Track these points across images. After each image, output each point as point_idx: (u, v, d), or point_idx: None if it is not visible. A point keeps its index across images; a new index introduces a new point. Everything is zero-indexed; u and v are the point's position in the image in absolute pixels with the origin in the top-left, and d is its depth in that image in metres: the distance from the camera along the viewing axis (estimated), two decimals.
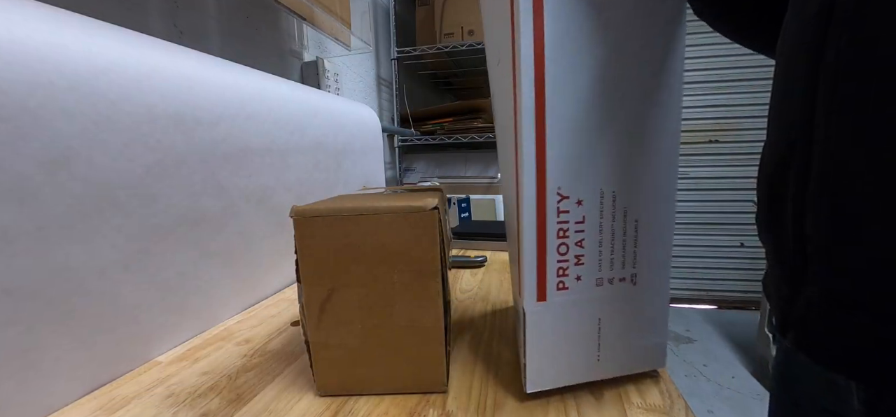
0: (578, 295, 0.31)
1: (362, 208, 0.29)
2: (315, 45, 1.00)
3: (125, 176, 0.36)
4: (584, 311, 0.31)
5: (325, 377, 0.32)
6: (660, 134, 0.29)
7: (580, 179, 0.29)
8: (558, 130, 0.29)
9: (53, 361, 0.31)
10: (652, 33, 0.28)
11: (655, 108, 0.29)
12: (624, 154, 0.29)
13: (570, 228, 0.30)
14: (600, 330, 0.31)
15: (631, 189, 0.30)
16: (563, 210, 0.29)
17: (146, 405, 0.32)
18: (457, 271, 0.65)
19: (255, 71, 0.57)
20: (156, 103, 0.39)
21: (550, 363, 0.31)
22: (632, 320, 0.32)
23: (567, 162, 0.29)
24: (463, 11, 1.46)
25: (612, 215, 0.30)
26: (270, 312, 0.51)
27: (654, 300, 0.31)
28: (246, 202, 0.51)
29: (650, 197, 0.30)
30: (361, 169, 0.84)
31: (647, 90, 0.28)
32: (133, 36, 0.40)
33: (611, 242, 0.30)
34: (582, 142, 0.29)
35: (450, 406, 0.30)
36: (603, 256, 0.30)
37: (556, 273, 0.30)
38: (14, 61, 0.28)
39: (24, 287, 0.29)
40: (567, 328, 0.31)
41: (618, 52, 0.28)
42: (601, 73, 0.28)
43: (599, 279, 0.31)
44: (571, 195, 0.29)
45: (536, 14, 0.28)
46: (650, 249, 0.30)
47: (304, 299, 0.31)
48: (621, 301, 0.31)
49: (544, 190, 0.29)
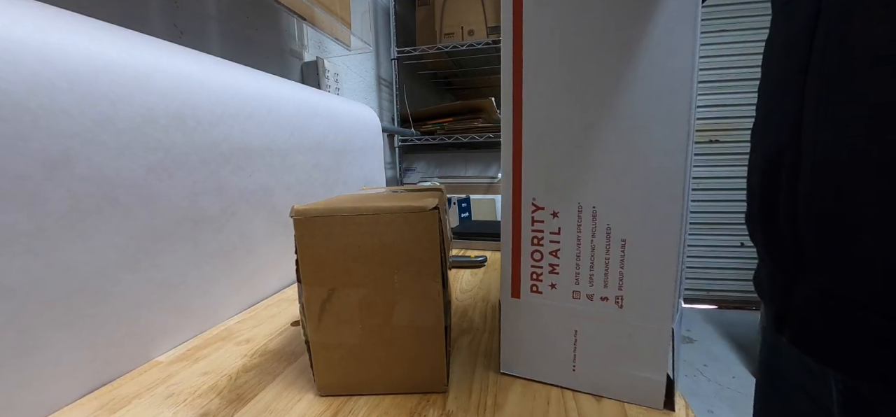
0: (552, 301, 0.31)
1: (362, 208, 0.29)
2: (315, 45, 1.00)
3: (125, 176, 0.36)
4: (557, 318, 0.31)
5: (325, 377, 0.32)
6: (658, 149, 0.26)
7: (556, 192, 0.29)
8: (535, 142, 0.29)
9: (53, 361, 0.31)
10: (647, 38, 0.25)
11: (653, 122, 0.26)
12: (611, 169, 0.27)
13: (545, 237, 0.30)
14: (577, 341, 0.31)
15: (616, 206, 0.28)
16: (537, 220, 0.30)
17: (146, 405, 0.32)
18: (457, 271, 0.65)
19: (255, 71, 0.57)
20: (156, 103, 0.39)
21: (522, 353, 0.33)
22: (616, 344, 0.30)
23: (542, 174, 0.29)
24: (463, 11, 1.46)
25: (592, 230, 0.29)
26: (270, 312, 0.51)
27: (648, 330, 0.28)
28: (246, 202, 0.51)
29: (642, 217, 0.27)
30: (361, 169, 0.84)
31: (637, 99, 0.26)
32: (133, 36, 0.40)
33: (591, 257, 0.29)
34: (560, 154, 0.29)
35: (450, 407, 0.30)
36: (581, 270, 0.30)
37: (530, 276, 0.31)
38: (14, 61, 0.28)
39: (24, 287, 0.29)
40: (539, 328, 0.32)
41: (600, 58, 0.26)
42: (582, 85, 0.27)
43: (576, 291, 0.30)
44: (546, 206, 0.30)
45: (516, 27, 0.28)
46: (641, 274, 0.28)
47: (304, 299, 0.31)
48: (603, 321, 0.30)
49: (519, 199, 0.30)
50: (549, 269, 0.31)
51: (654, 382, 0.29)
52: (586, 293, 0.30)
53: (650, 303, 0.28)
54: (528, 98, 0.29)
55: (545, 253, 0.30)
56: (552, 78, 0.28)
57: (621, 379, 0.30)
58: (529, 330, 0.32)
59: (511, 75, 0.29)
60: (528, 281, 0.31)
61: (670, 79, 0.25)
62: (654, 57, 0.25)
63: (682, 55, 0.25)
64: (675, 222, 0.26)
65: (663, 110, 0.25)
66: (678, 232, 0.26)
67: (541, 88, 0.28)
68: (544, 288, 0.31)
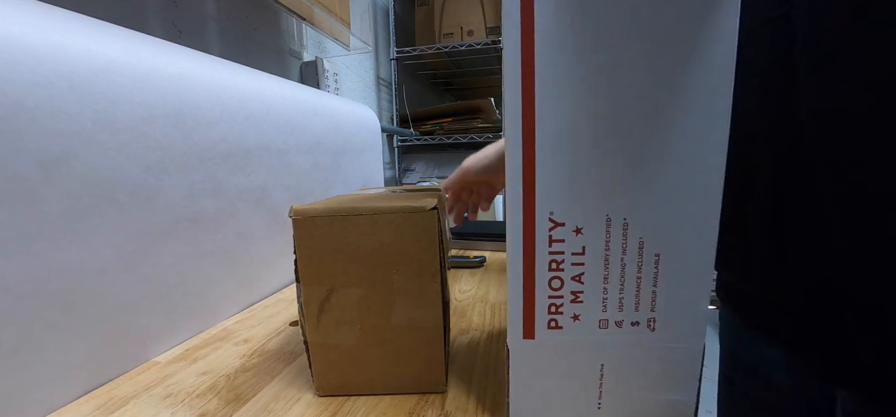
0: (576, 337, 0.26)
1: (361, 208, 0.29)
2: (314, 45, 1.00)
3: (124, 175, 0.36)
4: (582, 355, 0.26)
5: (323, 377, 0.32)
6: (695, 147, 0.23)
7: (579, 203, 0.24)
8: (551, 144, 0.24)
9: (52, 361, 0.31)
10: (685, 24, 0.22)
11: (688, 115, 0.22)
12: (642, 173, 0.23)
13: (566, 260, 0.25)
14: (603, 377, 0.27)
15: (650, 216, 0.24)
16: (556, 239, 0.25)
17: (145, 405, 0.32)
18: (456, 271, 0.65)
19: (255, 71, 0.57)
20: (155, 103, 0.39)
21: (537, 406, 0.28)
22: (646, 371, 0.26)
23: (562, 181, 0.24)
24: (462, 11, 1.46)
25: (623, 247, 0.24)
26: (269, 312, 0.50)
27: (678, 350, 0.26)
28: (244, 202, 0.51)
29: (678, 226, 0.24)
30: (360, 169, 0.84)
31: (674, 93, 0.22)
32: (132, 35, 0.40)
33: (621, 279, 0.25)
34: (582, 157, 0.24)
35: (449, 407, 0.30)
36: (609, 295, 0.25)
37: (548, 310, 0.26)
38: (12, 60, 0.28)
39: (23, 286, 0.29)
40: (559, 371, 0.27)
41: (631, 46, 0.22)
42: (608, 74, 0.23)
43: (603, 320, 0.26)
44: (567, 221, 0.25)
45: (525, 7, 0.23)
46: (676, 290, 0.25)
47: (302, 299, 0.31)
48: (633, 348, 0.26)
49: (533, 214, 0.25)
50: (572, 298, 0.26)
51: (684, 404, 0.26)
52: (615, 320, 0.26)
53: (684, 321, 0.25)
54: (544, 91, 0.24)
55: (566, 280, 0.25)
56: (572, 68, 0.23)
57: (649, 408, 0.27)
58: (546, 375, 0.27)
59: (519, 64, 0.23)
60: (545, 316, 0.26)
61: (710, 70, 0.22)
62: (692, 45, 0.22)
63: (723, 44, 0.21)
64: (713, 229, 0.24)
65: (703, 105, 0.22)
66: (714, 241, 0.24)
67: (559, 79, 0.23)
68: (565, 322, 0.26)
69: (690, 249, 0.24)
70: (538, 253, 0.25)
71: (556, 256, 0.25)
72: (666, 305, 0.25)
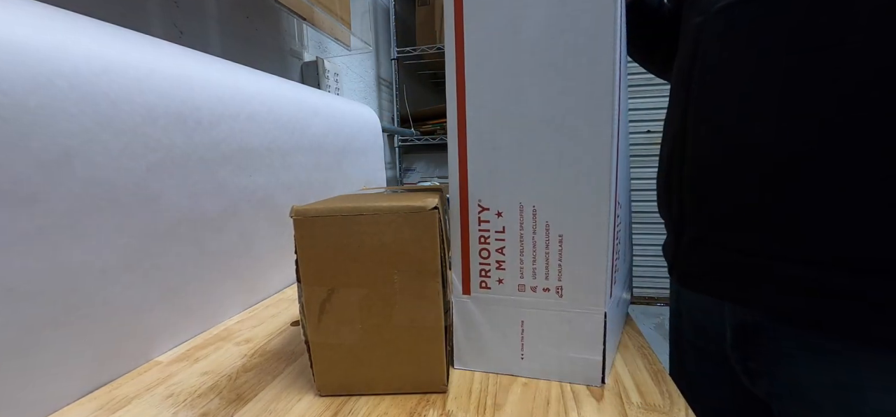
0: (500, 295, 0.33)
1: (362, 208, 0.29)
2: (315, 45, 1.00)
3: (125, 176, 0.36)
4: (506, 311, 0.33)
5: (325, 377, 0.32)
6: (586, 151, 0.29)
7: (500, 193, 0.32)
8: (478, 146, 0.32)
9: (53, 361, 0.31)
10: (574, 47, 0.28)
11: (579, 124, 0.29)
12: (548, 170, 0.30)
13: (491, 236, 0.33)
14: (523, 332, 0.33)
15: (553, 204, 0.31)
16: (484, 220, 0.33)
17: (146, 405, 0.32)
18: None
19: (256, 71, 0.57)
20: (156, 103, 0.39)
21: (474, 348, 0.35)
22: (557, 330, 0.32)
23: (486, 176, 0.32)
24: None
25: (533, 228, 0.31)
26: (270, 312, 0.51)
27: (583, 315, 0.32)
28: (246, 202, 0.51)
29: (575, 214, 0.30)
30: (361, 169, 0.84)
31: (567, 107, 0.29)
32: (133, 36, 0.40)
33: (533, 253, 0.32)
34: (501, 157, 0.31)
35: (450, 407, 0.30)
36: (525, 265, 0.32)
37: (479, 274, 0.34)
38: (14, 61, 0.28)
39: (24, 286, 0.29)
40: (489, 322, 0.34)
41: (534, 72, 0.29)
42: (516, 95, 0.30)
43: (521, 285, 0.33)
44: (491, 207, 0.32)
45: (458, 27, 0.30)
46: (577, 265, 0.31)
47: (304, 299, 0.31)
48: (546, 310, 0.32)
49: (466, 201, 0.33)
50: (497, 266, 0.33)
51: (592, 361, 0.32)
52: (530, 285, 0.32)
53: (586, 291, 0.31)
54: (472, 105, 0.31)
55: (492, 252, 0.33)
56: (494, 86, 0.30)
57: (563, 362, 0.33)
58: (480, 324, 0.34)
59: (455, 86, 0.31)
60: (478, 278, 0.34)
61: (593, 88, 0.28)
62: (579, 65, 0.28)
63: (603, 67, 0.28)
64: (604, 217, 0.30)
65: (589, 114, 0.29)
66: (607, 227, 0.30)
67: (483, 96, 0.31)
68: (492, 284, 0.33)
69: (587, 234, 0.30)
70: (471, 230, 0.33)
71: (483, 233, 0.33)
72: (570, 276, 0.31)
